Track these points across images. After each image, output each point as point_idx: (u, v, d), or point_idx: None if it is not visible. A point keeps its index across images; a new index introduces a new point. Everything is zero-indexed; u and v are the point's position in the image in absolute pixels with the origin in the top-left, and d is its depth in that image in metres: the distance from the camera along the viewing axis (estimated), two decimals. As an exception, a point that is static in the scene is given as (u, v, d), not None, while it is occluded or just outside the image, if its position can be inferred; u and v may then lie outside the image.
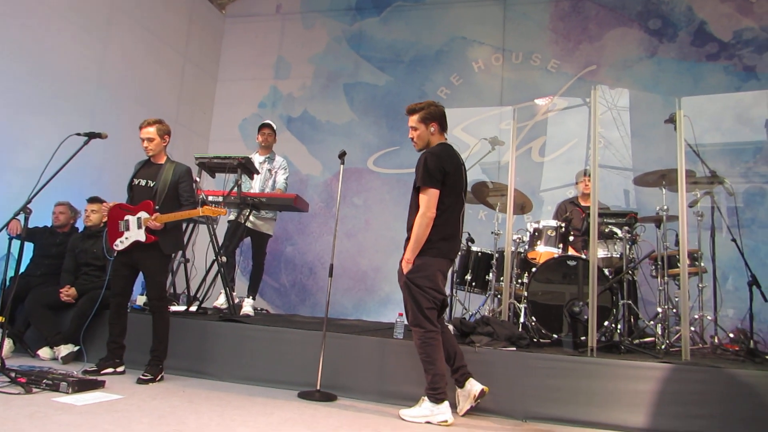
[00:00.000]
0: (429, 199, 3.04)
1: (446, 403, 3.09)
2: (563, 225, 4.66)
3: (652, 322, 4.48)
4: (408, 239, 3.14)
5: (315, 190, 7.19)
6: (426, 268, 3.07)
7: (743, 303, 4.39)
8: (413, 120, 3.25)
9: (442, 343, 3.18)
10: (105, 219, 4.07)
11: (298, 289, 6.98)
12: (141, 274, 3.92)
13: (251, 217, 5.11)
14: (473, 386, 3.26)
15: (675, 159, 3.84)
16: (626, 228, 4.41)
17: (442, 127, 3.28)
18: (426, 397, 3.10)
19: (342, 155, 3.88)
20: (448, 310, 4.89)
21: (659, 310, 4.38)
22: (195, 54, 7.34)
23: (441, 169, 3.05)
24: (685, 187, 3.87)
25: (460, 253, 5.16)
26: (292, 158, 7.12)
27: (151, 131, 3.91)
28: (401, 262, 3.14)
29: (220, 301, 5.15)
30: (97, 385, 3.36)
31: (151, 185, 3.88)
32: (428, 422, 3.07)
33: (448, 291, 4.23)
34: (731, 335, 4.54)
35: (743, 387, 3.24)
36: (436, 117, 3.24)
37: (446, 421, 3.07)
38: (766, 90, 5.92)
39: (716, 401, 3.23)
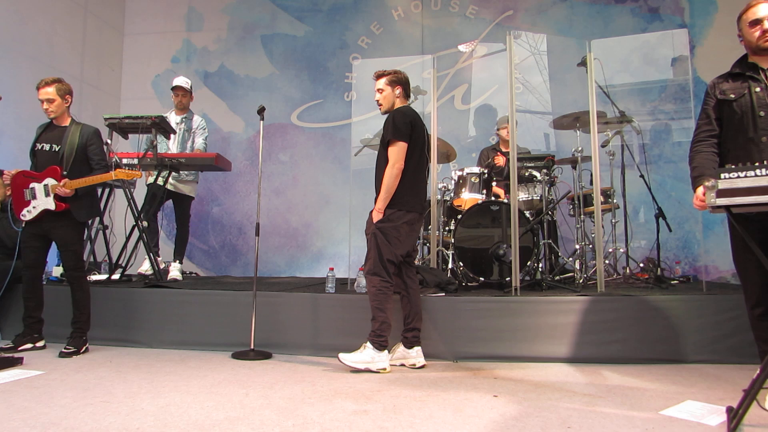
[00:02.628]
0: (398, 151, 3.12)
1: (386, 352, 3.16)
2: (486, 171, 4.71)
3: (570, 259, 4.67)
4: (377, 191, 3.20)
5: (238, 147, 6.99)
6: (395, 219, 3.13)
7: (652, 234, 4.64)
8: (381, 83, 3.35)
9: (410, 300, 3.28)
10: (9, 191, 3.79)
11: (227, 250, 6.85)
12: (54, 244, 3.69)
13: (171, 179, 4.92)
14: (417, 358, 3.32)
15: (588, 101, 3.91)
16: (545, 171, 4.51)
17: (406, 92, 3.39)
18: (369, 344, 3.14)
19: (261, 111, 3.80)
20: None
21: (577, 246, 4.56)
22: (96, 5, 6.76)
23: (408, 125, 3.15)
24: (597, 128, 3.98)
25: None
26: (212, 115, 6.90)
27: (49, 91, 3.63)
28: (371, 212, 3.18)
29: (145, 268, 4.99)
30: (15, 363, 3.21)
31: (57, 149, 3.64)
32: (368, 369, 3.12)
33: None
34: (641, 265, 4.83)
35: (652, 311, 3.46)
36: (401, 82, 3.36)
37: (385, 369, 3.14)
38: (669, 30, 6.10)
39: (629, 326, 3.42)
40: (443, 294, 3.76)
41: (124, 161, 4.53)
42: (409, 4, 6.87)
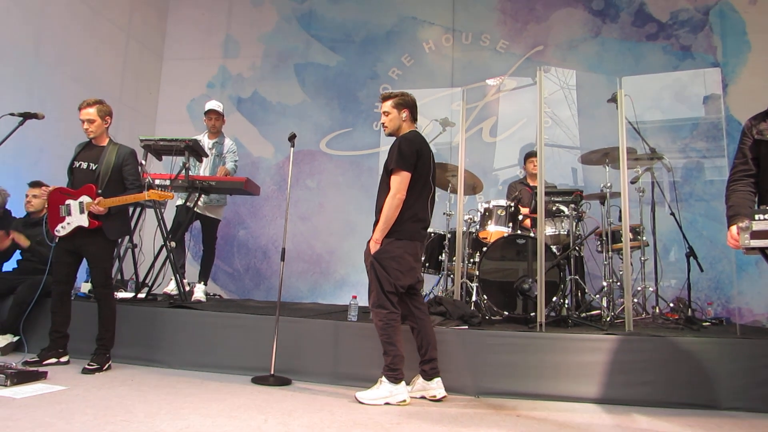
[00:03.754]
0: (401, 181, 3.05)
1: (403, 383, 3.09)
2: (513, 204, 4.68)
3: (597, 296, 4.55)
4: (377, 221, 3.13)
5: (267, 172, 7.04)
6: (393, 250, 3.06)
7: (683, 273, 4.53)
8: (387, 105, 3.27)
9: (420, 330, 3.18)
10: (46, 206, 3.85)
11: (252, 273, 6.84)
12: (85, 260, 3.73)
13: (200, 202, 4.95)
14: (437, 389, 3.22)
15: (618, 137, 3.89)
16: (572, 205, 4.45)
17: (413, 115, 3.31)
18: (384, 378, 3.07)
19: (292, 138, 3.81)
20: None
21: (604, 283, 4.44)
22: (138, 30, 6.98)
23: (414, 154, 3.08)
24: (627, 164, 3.92)
25: None
26: (243, 140, 6.97)
27: (91, 112, 3.70)
28: (369, 242, 3.12)
29: (171, 287, 4.98)
30: (39, 377, 3.19)
31: (93, 168, 3.69)
32: (387, 403, 3.04)
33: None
34: (671, 305, 4.69)
35: (683, 353, 3.32)
36: (408, 105, 3.28)
37: (404, 401, 3.06)
38: (702, 69, 6.07)
39: (658, 368, 3.29)
40: (466, 327, 3.68)
41: (157, 182, 4.59)
42: (441, 37, 6.93)
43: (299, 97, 7.13)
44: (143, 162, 4.43)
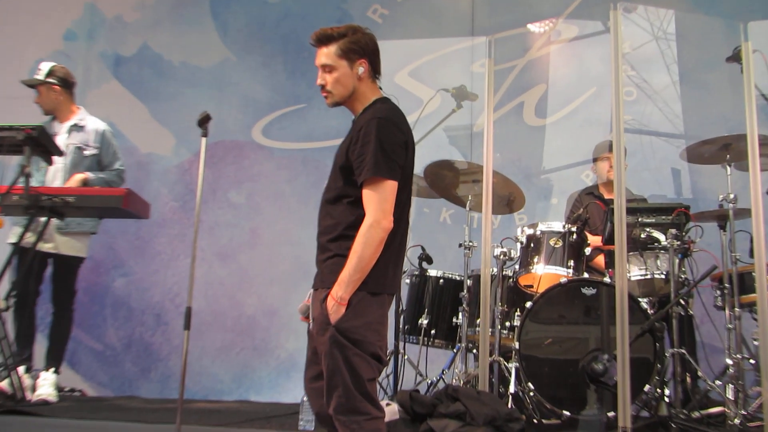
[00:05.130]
0: (385, 197, 2.96)
1: None
2: (576, 229, 4.75)
3: (719, 382, 4.53)
4: (326, 260, 3.07)
5: (163, 179, 7.10)
6: (367, 312, 2.96)
7: None
8: (327, 54, 3.16)
9: None
10: None
11: (137, 352, 6.86)
12: None
13: (49, 230, 4.91)
14: None
15: (745, 118, 3.91)
16: (674, 231, 4.48)
17: (375, 69, 3.24)
18: None
19: (204, 121, 3.88)
20: (391, 375, 4.93)
21: (729, 361, 4.44)
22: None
23: (402, 147, 3.05)
24: (761, 162, 3.92)
25: (408, 280, 5.38)
26: (123, 125, 6.96)
27: None
28: (324, 300, 2.99)
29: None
30: None
31: None
32: None
33: (390, 345, 4.28)
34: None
35: None
36: (366, 50, 3.19)
37: None
38: None
39: None
40: (500, 437, 3.68)
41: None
42: (453, -43, 7.12)
43: (218, 55, 7.21)
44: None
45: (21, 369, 4.75)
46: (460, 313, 4.91)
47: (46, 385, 4.81)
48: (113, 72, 7.29)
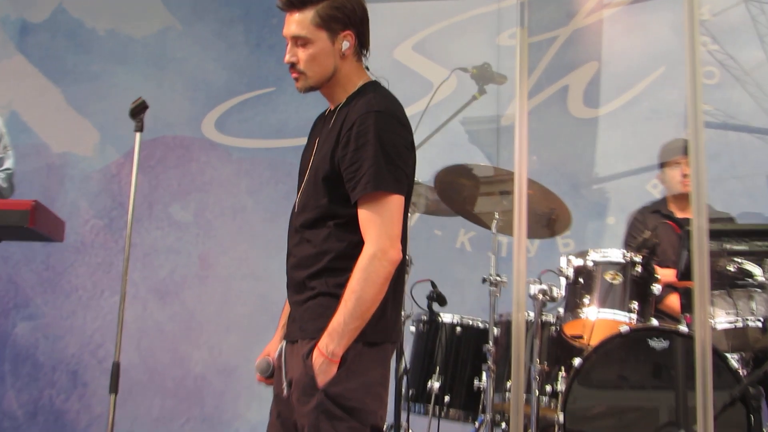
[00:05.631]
0: (392, 218, 2.97)
1: None
2: (642, 260, 4.55)
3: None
4: (306, 301, 3.04)
5: (83, 189, 6.95)
6: (366, 370, 2.94)
7: None
8: (300, 22, 3.08)
9: None
10: None
11: (44, 421, 6.67)
12: None
13: None
14: None
15: None
16: (774, 264, 4.43)
17: (362, 43, 3.19)
18: None
19: (138, 110, 3.92)
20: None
21: None
22: None
23: (410, 148, 3.08)
24: None
25: (413, 328, 5.28)
26: (29, 115, 6.95)
27: None
28: (308, 356, 2.92)
29: None
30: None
31: None
32: None
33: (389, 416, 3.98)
34: None
35: None
36: (352, 18, 3.12)
37: None
38: None
39: None
40: None
41: None
42: None
43: (157, 22, 7.11)
44: None
45: None
46: (484, 374, 4.76)
47: None
48: (17, 44, 7.16)
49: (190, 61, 7.06)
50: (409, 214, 3.22)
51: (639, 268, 4.54)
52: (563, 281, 4.70)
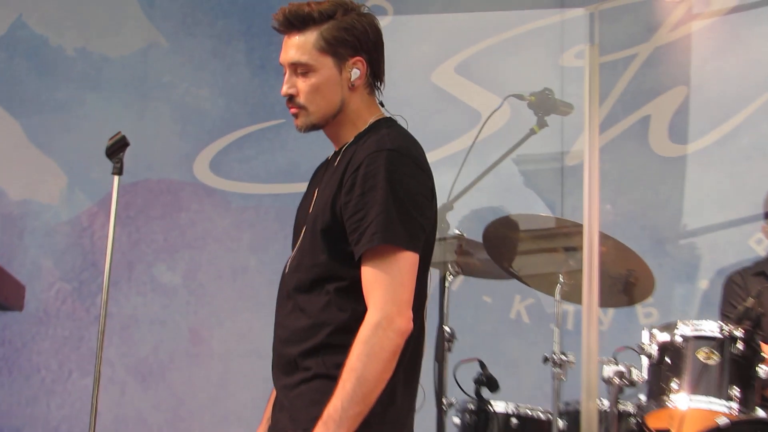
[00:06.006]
0: (402, 279, 2.89)
1: None
2: (744, 334, 4.45)
3: None
4: (299, 385, 2.96)
5: (47, 245, 6.79)
6: None
7: None
8: (301, 46, 3.05)
9: None
10: None
11: None
12: None
13: None
14: None
15: None
16: None
17: (375, 72, 3.17)
18: None
19: (117, 148, 3.88)
20: None
21: None
22: None
23: (428, 195, 3.05)
24: None
25: (458, 418, 5.24)
26: None
27: None
28: None
29: None
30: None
31: None
32: None
33: None
34: None
35: None
36: (363, 42, 3.10)
37: None
38: None
39: None
40: None
41: None
42: None
43: (139, 37, 6.99)
44: None
45: None
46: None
47: None
48: (-32, 66, 7.14)
49: (179, 87, 6.90)
50: (429, 278, 3.11)
51: (740, 345, 4.44)
52: (645, 361, 4.62)
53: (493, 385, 4.95)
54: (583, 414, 3.96)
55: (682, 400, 4.37)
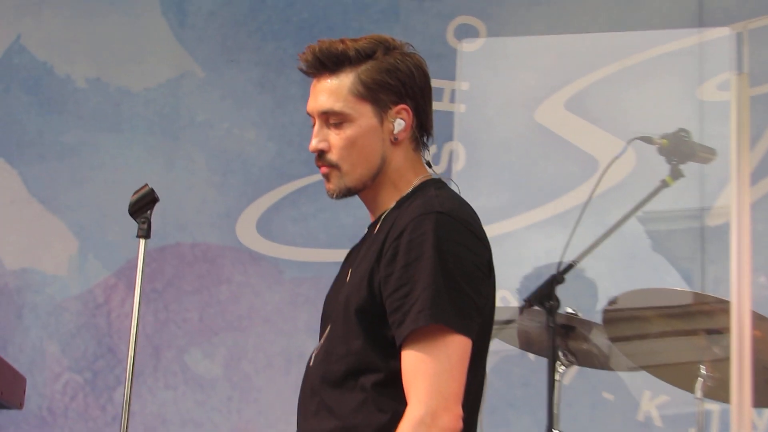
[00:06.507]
0: (451, 369, 2.70)
1: None
2: None
3: None
4: None
5: (52, 326, 6.40)
6: None
7: None
8: (334, 91, 2.84)
9: None
10: None
11: None
12: None
13: None
14: None
15: None
16: None
17: (423, 124, 2.93)
18: None
19: (144, 204, 3.52)
20: None
21: None
22: None
23: (486, 270, 2.83)
24: None
25: None
26: None
27: None
28: None
29: None
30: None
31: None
32: None
33: None
34: None
35: None
36: (409, 87, 2.90)
37: None
38: None
39: None
40: None
41: None
42: None
43: (169, 66, 6.59)
44: None
45: None
46: None
47: None
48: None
49: (218, 127, 6.46)
50: (486, 374, 2.89)
51: None
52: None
53: None
54: None
55: None
